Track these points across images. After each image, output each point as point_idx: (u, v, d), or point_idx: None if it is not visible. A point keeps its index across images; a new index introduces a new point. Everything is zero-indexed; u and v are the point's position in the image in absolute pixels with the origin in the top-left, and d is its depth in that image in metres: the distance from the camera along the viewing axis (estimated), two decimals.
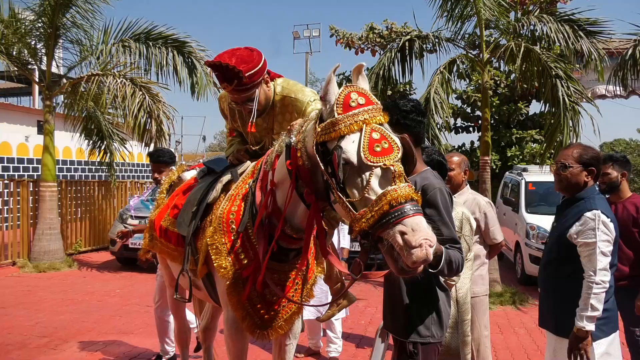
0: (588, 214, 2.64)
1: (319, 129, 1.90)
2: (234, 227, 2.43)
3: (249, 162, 2.82)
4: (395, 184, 1.76)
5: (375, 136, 1.81)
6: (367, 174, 1.78)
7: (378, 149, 1.79)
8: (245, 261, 2.38)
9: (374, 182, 1.77)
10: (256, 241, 2.37)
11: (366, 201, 1.76)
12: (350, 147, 1.80)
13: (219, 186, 2.71)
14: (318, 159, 1.87)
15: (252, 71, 2.48)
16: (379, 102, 1.94)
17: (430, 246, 1.66)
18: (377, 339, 2.72)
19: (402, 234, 1.66)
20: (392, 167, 1.78)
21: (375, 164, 1.77)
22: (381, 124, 1.87)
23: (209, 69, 2.53)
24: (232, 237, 2.41)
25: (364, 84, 1.97)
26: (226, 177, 2.74)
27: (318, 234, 2.22)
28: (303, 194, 2.09)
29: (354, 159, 1.79)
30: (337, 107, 1.86)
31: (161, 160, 4.45)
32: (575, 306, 2.61)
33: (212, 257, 2.44)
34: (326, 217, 2.39)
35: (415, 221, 1.68)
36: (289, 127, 2.48)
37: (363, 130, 1.81)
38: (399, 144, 1.85)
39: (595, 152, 2.83)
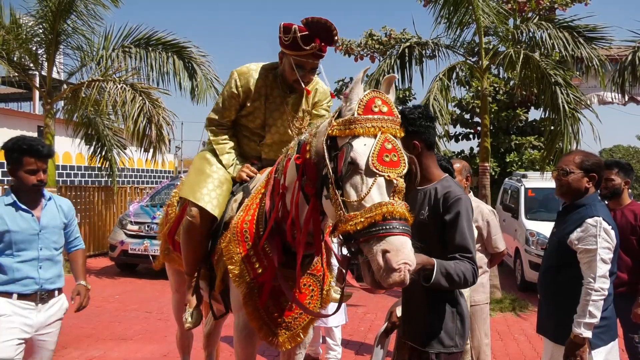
0: (589, 220, 2.64)
1: (335, 123, 1.90)
2: (248, 236, 2.43)
3: (259, 175, 2.80)
4: (394, 199, 1.76)
5: (387, 146, 1.81)
6: (371, 180, 1.77)
7: (387, 159, 1.79)
8: (260, 270, 2.38)
9: (375, 190, 1.76)
10: (269, 250, 2.36)
11: (360, 206, 1.75)
12: (361, 148, 1.80)
13: (234, 206, 2.70)
14: (325, 150, 1.87)
15: (337, 37, 2.59)
16: (399, 115, 1.95)
17: (409, 270, 1.65)
18: (376, 346, 2.72)
19: (385, 252, 1.64)
20: (395, 181, 1.78)
21: (380, 173, 1.77)
22: (395, 137, 1.87)
23: (290, 32, 2.52)
24: (247, 247, 2.42)
25: (391, 94, 1.98)
26: (239, 196, 2.73)
27: (315, 233, 2.21)
28: (304, 187, 2.09)
29: (362, 162, 1.78)
30: (359, 107, 1.86)
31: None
32: (572, 313, 2.60)
33: (228, 266, 2.45)
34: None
35: (401, 240, 1.67)
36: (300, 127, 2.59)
37: (377, 137, 1.81)
38: (407, 162, 1.85)
39: (597, 158, 2.84)
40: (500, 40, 8.90)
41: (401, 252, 1.65)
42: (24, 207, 2.80)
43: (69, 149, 14.42)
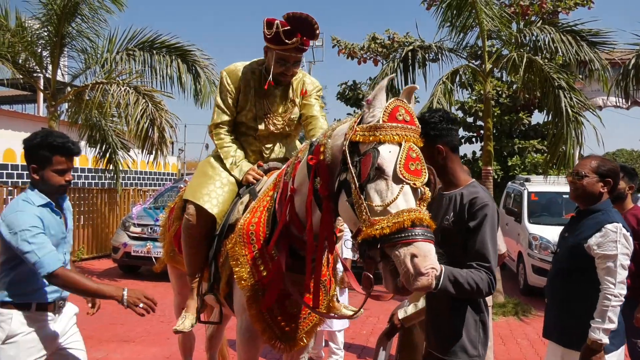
0: (609, 226, 2.64)
1: (358, 129, 1.90)
2: (254, 238, 2.43)
3: (265, 177, 2.82)
4: (420, 206, 1.79)
5: (412, 155, 1.84)
6: (397, 187, 1.78)
7: (412, 167, 1.82)
8: (265, 273, 2.38)
9: (401, 197, 1.77)
10: (275, 252, 2.37)
11: (384, 212, 1.76)
12: (387, 155, 1.81)
13: (240, 208, 2.70)
14: (347, 154, 1.88)
15: (319, 31, 2.68)
16: (420, 126, 1.97)
17: (435, 276, 1.68)
18: (377, 349, 2.71)
19: (413, 256, 1.66)
20: (421, 189, 1.82)
21: (407, 180, 1.79)
22: (417, 146, 1.90)
23: (273, 27, 2.64)
24: (252, 249, 2.42)
25: (411, 104, 2.00)
26: (246, 198, 2.74)
27: (328, 237, 2.21)
28: (318, 191, 2.09)
29: (389, 168, 1.80)
30: (384, 114, 1.87)
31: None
32: (585, 317, 2.61)
33: (233, 268, 2.45)
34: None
35: (427, 247, 1.69)
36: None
37: (402, 145, 1.83)
38: (427, 172, 1.88)
39: (612, 164, 2.87)
40: (503, 43, 8.90)
41: (428, 257, 1.67)
42: (56, 209, 2.57)
43: None
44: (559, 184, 9.33)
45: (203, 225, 2.80)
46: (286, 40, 2.66)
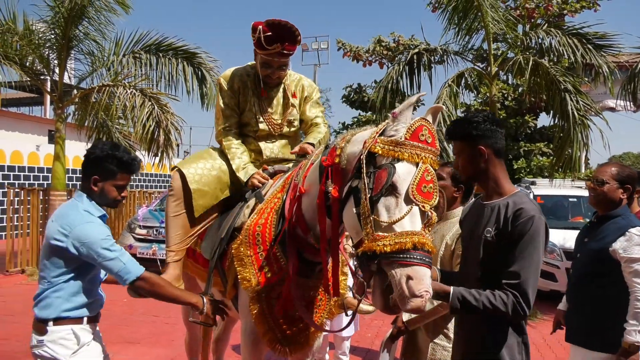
0: (633, 230, 2.74)
1: (379, 140, 1.90)
2: (259, 239, 2.44)
3: (270, 180, 2.84)
4: (425, 230, 1.80)
5: (427, 177, 1.84)
6: (406, 207, 1.79)
7: (424, 190, 1.82)
8: (269, 275, 2.39)
9: (408, 218, 1.78)
10: (280, 255, 2.39)
11: (388, 228, 1.77)
12: (403, 174, 1.82)
13: (246, 211, 2.71)
14: (363, 163, 1.88)
15: (300, 37, 2.79)
16: (439, 149, 1.97)
17: (428, 299, 1.70)
18: (382, 352, 2.71)
19: (409, 278, 1.68)
20: (429, 213, 1.82)
21: (417, 202, 1.80)
22: (433, 169, 1.90)
23: (256, 32, 2.76)
24: (258, 250, 2.43)
25: (434, 124, 2.00)
26: (252, 202, 2.74)
27: (333, 240, 2.21)
28: (329, 193, 2.09)
29: (402, 187, 1.80)
30: (407, 131, 1.86)
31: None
32: (611, 320, 2.71)
33: (237, 268, 2.46)
34: None
35: (423, 271, 1.71)
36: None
37: (419, 166, 1.83)
38: (437, 195, 1.88)
39: (631, 170, 2.96)
40: (509, 46, 8.90)
41: (423, 281, 1.69)
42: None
43: (79, 153, 14.55)
44: (565, 187, 9.29)
45: (184, 192, 2.90)
46: (267, 47, 2.77)
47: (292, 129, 3.14)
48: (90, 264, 2.35)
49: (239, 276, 2.45)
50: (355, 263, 1.97)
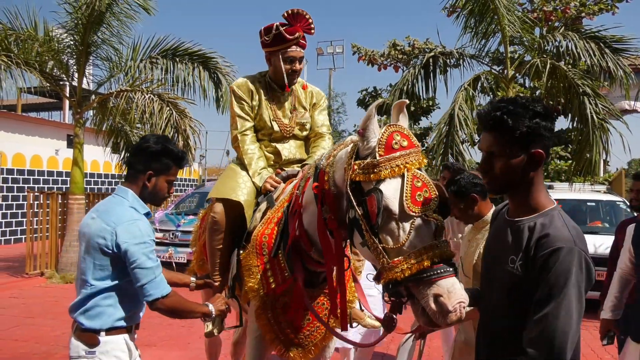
0: None
1: (356, 167, 1.82)
2: (265, 250, 2.45)
3: (282, 184, 2.84)
4: (436, 239, 1.71)
5: (417, 184, 1.74)
6: (407, 224, 1.71)
7: (420, 198, 1.73)
8: (274, 285, 2.40)
9: (414, 234, 1.70)
10: (285, 266, 2.39)
11: (400, 251, 1.70)
12: (391, 193, 1.73)
13: (257, 215, 2.72)
14: (351, 196, 1.79)
15: (313, 26, 2.88)
16: (419, 144, 1.87)
17: (464, 307, 1.60)
18: (399, 355, 2.68)
19: (437, 296, 1.61)
20: (433, 221, 1.73)
21: (417, 214, 1.71)
22: (420, 169, 1.80)
23: (272, 30, 2.87)
24: (264, 260, 2.44)
25: (404, 121, 1.90)
26: (263, 205, 2.75)
27: (338, 263, 2.16)
28: (326, 219, 2.03)
29: (395, 207, 1.72)
30: (379, 147, 1.77)
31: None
32: None
33: (245, 278, 2.48)
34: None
35: (450, 282, 1.63)
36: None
37: (405, 177, 1.74)
38: (437, 191, 1.78)
39: None
40: (526, 49, 8.82)
41: (453, 293, 1.61)
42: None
43: (96, 157, 14.75)
44: (583, 192, 9.16)
45: (230, 220, 2.81)
46: (289, 37, 2.83)
47: (305, 132, 3.17)
48: None
49: (246, 286, 2.47)
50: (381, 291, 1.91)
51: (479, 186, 2.74)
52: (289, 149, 3.10)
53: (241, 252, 2.62)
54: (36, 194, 9.84)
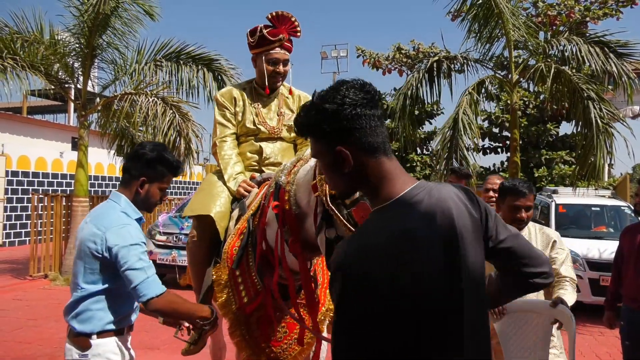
0: None
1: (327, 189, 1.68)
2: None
3: (256, 188, 2.78)
4: None
5: None
6: None
7: None
8: (246, 299, 2.37)
9: None
10: (257, 280, 2.35)
11: None
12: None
13: (231, 224, 2.67)
14: (336, 213, 1.62)
15: (299, 28, 2.89)
16: None
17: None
18: None
19: None
20: None
21: None
22: None
23: (256, 32, 2.91)
24: (236, 274, 2.40)
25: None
26: (235, 213, 2.70)
27: (306, 284, 2.12)
28: (288, 242, 1.99)
29: None
30: None
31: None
32: None
33: (216, 293, 2.45)
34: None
35: None
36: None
37: None
38: None
39: None
40: (530, 54, 8.81)
41: None
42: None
43: (100, 160, 14.79)
44: (587, 196, 9.12)
45: (207, 239, 2.76)
46: (272, 38, 2.86)
47: (293, 134, 3.14)
48: None
49: (217, 302, 2.43)
50: None
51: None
52: (272, 149, 3.07)
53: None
54: (40, 196, 9.86)
